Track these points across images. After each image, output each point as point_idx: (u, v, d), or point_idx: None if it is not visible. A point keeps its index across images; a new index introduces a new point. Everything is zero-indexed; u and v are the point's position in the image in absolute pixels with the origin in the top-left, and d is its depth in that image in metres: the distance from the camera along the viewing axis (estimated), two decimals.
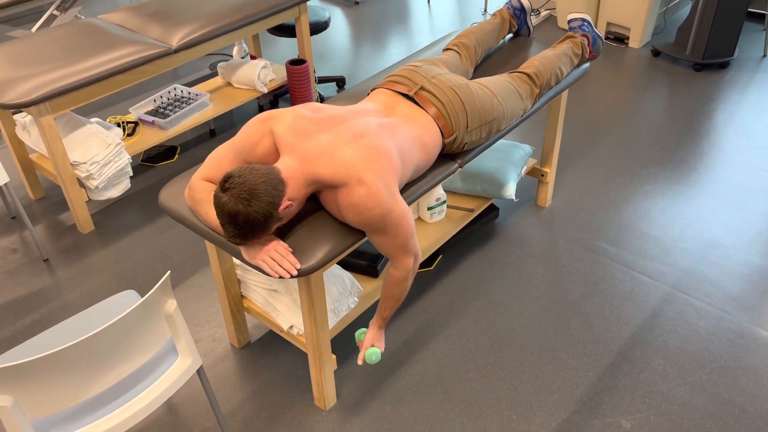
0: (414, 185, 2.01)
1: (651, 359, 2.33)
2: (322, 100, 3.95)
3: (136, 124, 3.29)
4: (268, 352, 2.41)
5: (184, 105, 3.37)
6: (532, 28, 2.79)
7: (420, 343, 2.42)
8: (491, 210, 2.88)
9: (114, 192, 2.99)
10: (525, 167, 2.90)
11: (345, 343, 2.43)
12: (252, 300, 2.29)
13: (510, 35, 2.80)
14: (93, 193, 2.94)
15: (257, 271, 2.22)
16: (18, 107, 2.57)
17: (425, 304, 2.58)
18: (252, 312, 2.29)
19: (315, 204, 1.90)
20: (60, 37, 2.97)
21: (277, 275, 1.70)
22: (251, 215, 1.61)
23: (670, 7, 4.68)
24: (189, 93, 3.45)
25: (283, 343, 2.44)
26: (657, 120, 3.65)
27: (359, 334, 2.04)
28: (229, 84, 3.64)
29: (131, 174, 3.03)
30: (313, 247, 1.78)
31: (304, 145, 1.77)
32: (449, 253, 2.81)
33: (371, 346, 1.98)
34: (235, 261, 2.28)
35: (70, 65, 2.74)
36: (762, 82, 3.97)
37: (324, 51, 4.57)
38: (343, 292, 2.19)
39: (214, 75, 4.22)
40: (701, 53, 4.06)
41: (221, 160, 1.86)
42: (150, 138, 3.19)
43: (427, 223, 2.62)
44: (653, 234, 2.88)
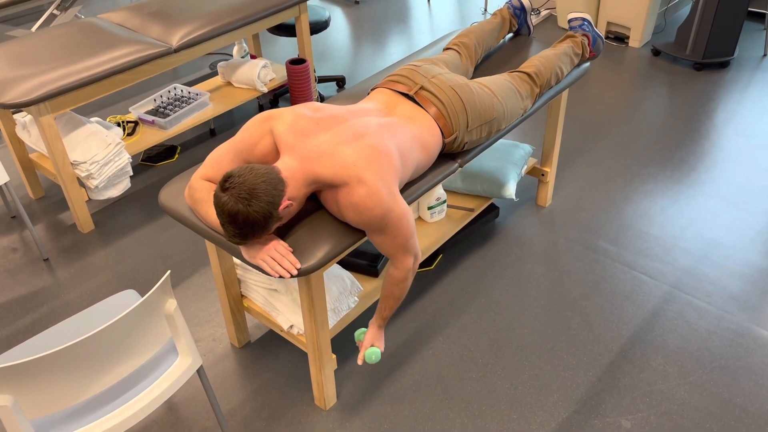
0: (414, 185, 2.01)
1: (651, 359, 2.33)
2: (322, 99, 3.94)
3: (136, 123, 3.29)
4: (268, 351, 2.41)
5: (184, 104, 3.37)
6: (532, 27, 2.79)
7: (420, 343, 2.42)
8: (491, 209, 2.88)
9: (114, 191, 2.99)
10: (525, 167, 2.89)
11: (345, 343, 2.43)
12: (252, 299, 2.29)
13: (510, 35, 2.80)
14: (93, 193, 2.94)
15: (257, 271, 2.22)
16: (18, 107, 2.57)
17: (425, 303, 2.58)
18: (252, 311, 2.28)
19: (315, 203, 1.90)
20: (60, 37, 2.97)
21: (277, 275, 1.70)
22: (251, 215, 1.61)
23: (670, 7, 4.68)
24: (189, 92, 3.45)
25: (283, 343, 2.44)
26: (657, 119, 3.65)
27: (359, 334, 2.04)
28: (229, 83, 3.64)
29: (131, 173, 3.03)
30: (313, 247, 1.77)
31: (304, 145, 1.77)
32: (449, 253, 2.81)
33: (371, 345, 1.98)
34: (235, 260, 2.28)
35: (70, 65, 2.74)
36: (762, 81, 3.97)
37: (324, 50, 4.57)
38: (344, 291, 2.18)
39: (214, 74, 4.22)
40: (701, 53, 4.05)
41: (221, 159, 1.85)
42: (150, 137, 3.19)
43: (428, 223, 2.62)
44: (653, 233, 2.88)
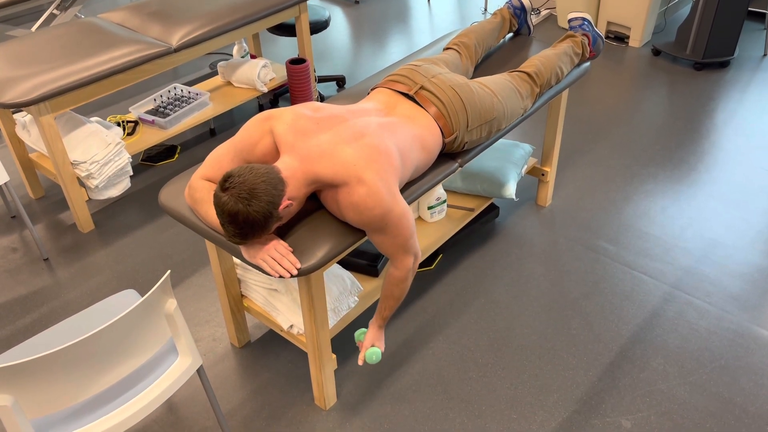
0: (414, 184, 2.01)
1: (651, 359, 2.33)
2: (322, 99, 3.94)
3: (136, 123, 3.29)
4: (268, 351, 2.41)
5: (184, 104, 3.37)
6: (532, 27, 2.78)
7: (420, 343, 2.42)
8: (491, 209, 2.88)
9: (114, 191, 2.99)
10: (525, 166, 2.89)
11: (345, 343, 2.43)
12: (252, 299, 2.29)
13: (510, 34, 2.80)
14: (93, 193, 2.94)
15: (257, 271, 2.22)
16: (18, 106, 2.57)
17: (425, 303, 2.58)
18: (252, 311, 2.28)
19: (315, 203, 1.90)
20: (60, 37, 2.97)
21: (278, 275, 1.70)
22: (251, 215, 1.61)
23: (670, 7, 4.68)
24: (189, 92, 3.45)
25: (283, 343, 2.44)
26: (657, 119, 3.65)
27: (359, 334, 2.04)
28: (229, 83, 3.64)
29: (131, 173, 3.03)
30: (314, 247, 1.77)
31: (304, 145, 1.77)
32: (449, 253, 2.81)
33: (371, 346, 1.98)
34: (235, 260, 2.28)
35: (69, 64, 2.74)
36: (762, 81, 3.97)
37: (324, 50, 4.57)
38: (344, 291, 2.18)
39: (214, 74, 4.22)
40: (701, 52, 4.05)
41: (221, 159, 1.85)
42: (150, 137, 3.19)
43: (428, 223, 2.62)
44: (653, 233, 2.88)
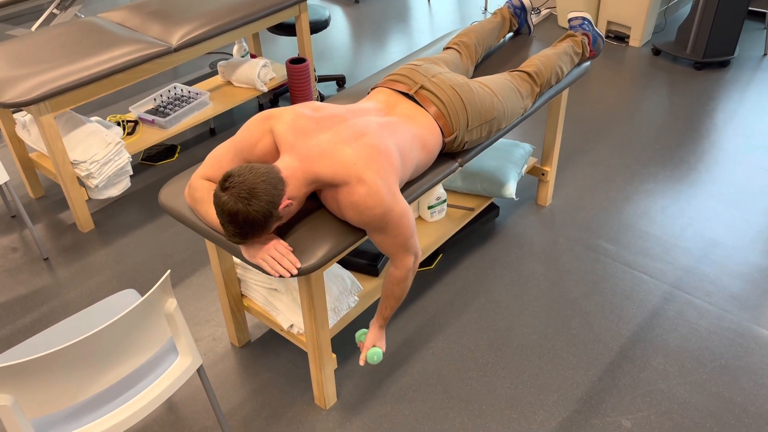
0: (414, 184, 2.01)
1: (651, 358, 2.33)
2: (322, 98, 3.94)
3: (136, 122, 3.29)
4: (268, 351, 2.41)
5: (184, 104, 3.36)
6: (532, 26, 2.78)
7: (420, 343, 2.42)
8: (491, 209, 2.88)
9: (114, 191, 2.99)
10: (525, 166, 2.89)
11: (345, 342, 2.43)
12: (252, 299, 2.29)
13: (510, 34, 2.80)
14: (93, 192, 2.94)
15: (257, 270, 2.22)
16: (18, 106, 2.57)
17: (425, 303, 2.58)
18: (252, 311, 2.28)
19: (315, 203, 1.90)
20: (60, 36, 2.97)
21: (278, 274, 1.70)
22: (251, 214, 1.61)
23: (670, 6, 4.68)
24: (189, 92, 3.45)
25: (284, 342, 2.44)
26: (657, 119, 3.65)
27: (359, 335, 2.03)
28: (229, 83, 3.64)
29: (131, 173, 3.03)
30: (314, 246, 1.77)
31: (304, 144, 1.77)
32: (449, 252, 2.81)
33: (372, 346, 1.98)
34: (235, 260, 2.28)
35: (69, 64, 2.74)
36: (762, 81, 3.97)
37: (324, 50, 4.57)
38: (344, 291, 2.18)
39: (214, 74, 4.22)
40: (702, 52, 4.05)
41: (221, 159, 1.85)
42: (150, 137, 3.19)
43: (428, 222, 2.62)
44: (654, 233, 2.88)
